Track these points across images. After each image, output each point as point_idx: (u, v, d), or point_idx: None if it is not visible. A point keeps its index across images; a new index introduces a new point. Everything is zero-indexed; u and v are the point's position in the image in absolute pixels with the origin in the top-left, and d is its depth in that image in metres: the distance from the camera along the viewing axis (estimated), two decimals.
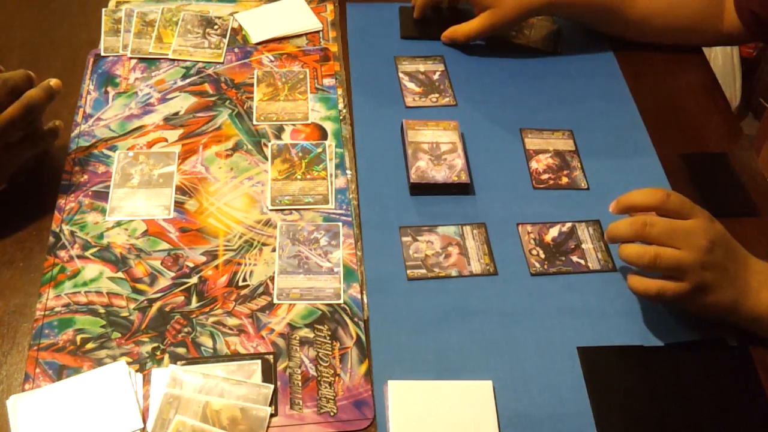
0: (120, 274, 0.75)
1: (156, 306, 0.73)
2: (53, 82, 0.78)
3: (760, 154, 1.00)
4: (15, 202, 0.79)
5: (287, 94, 0.93)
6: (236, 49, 0.99)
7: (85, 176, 0.83)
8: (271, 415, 0.65)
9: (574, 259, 0.78)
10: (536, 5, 0.96)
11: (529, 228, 0.81)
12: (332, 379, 0.68)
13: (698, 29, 1.00)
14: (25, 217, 0.79)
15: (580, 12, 1.00)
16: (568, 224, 0.81)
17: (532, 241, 0.79)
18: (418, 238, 0.79)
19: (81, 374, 0.67)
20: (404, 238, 0.79)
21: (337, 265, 0.76)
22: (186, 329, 0.71)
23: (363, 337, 0.71)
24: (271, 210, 0.81)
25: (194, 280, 0.75)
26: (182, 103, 0.91)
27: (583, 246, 0.79)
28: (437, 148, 0.86)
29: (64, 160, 0.84)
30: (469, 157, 0.87)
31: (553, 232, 0.80)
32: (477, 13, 0.98)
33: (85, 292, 0.73)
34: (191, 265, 0.76)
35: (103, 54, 0.97)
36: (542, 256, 0.78)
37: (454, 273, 0.77)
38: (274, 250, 0.77)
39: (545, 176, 0.86)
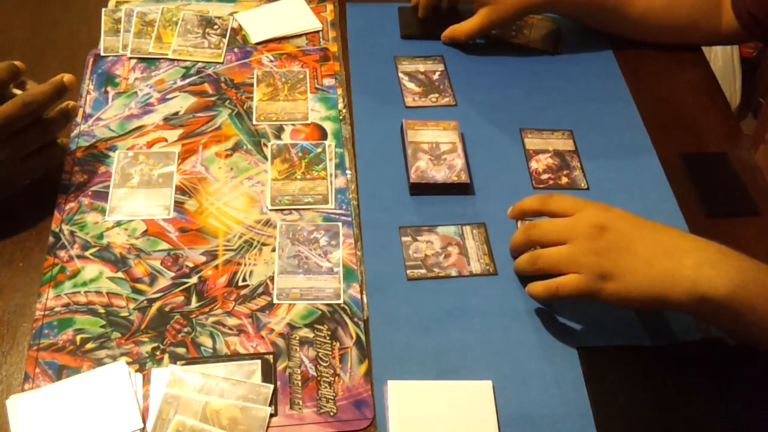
0: (120, 274, 0.75)
1: (156, 306, 0.73)
2: (66, 77, 0.78)
3: (756, 151, 1.00)
4: (15, 201, 0.79)
5: (287, 94, 0.93)
6: (236, 49, 0.99)
7: (85, 176, 0.83)
8: (271, 415, 0.65)
9: None
10: (536, 2, 0.96)
11: None
12: (332, 379, 0.68)
13: (697, 28, 1.01)
14: (25, 217, 0.79)
15: (580, 10, 1.00)
16: None
17: None
18: (418, 238, 0.79)
19: (81, 374, 0.67)
20: (404, 238, 0.79)
21: (336, 265, 0.76)
22: (186, 329, 0.71)
23: (363, 337, 0.71)
24: (270, 210, 0.81)
25: (194, 280, 0.75)
26: (182, 103, 0.91)
27: None
28: (437, 148, 0.86)
29: (64, 160, 0.84)
30: (469, 157, 0.87)
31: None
32: (476, 10, 0.98)
33: (85, 292, 0.73)
34: (191, 265, 0.76)
35: (102, 54, 0.97)
36: None
37: (453, 273, 0.77)
38: (273, 250, 0.77)
39: (545, 176, 0.86)
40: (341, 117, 0.91)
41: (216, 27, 1.01)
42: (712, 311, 0.65)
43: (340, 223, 0.80)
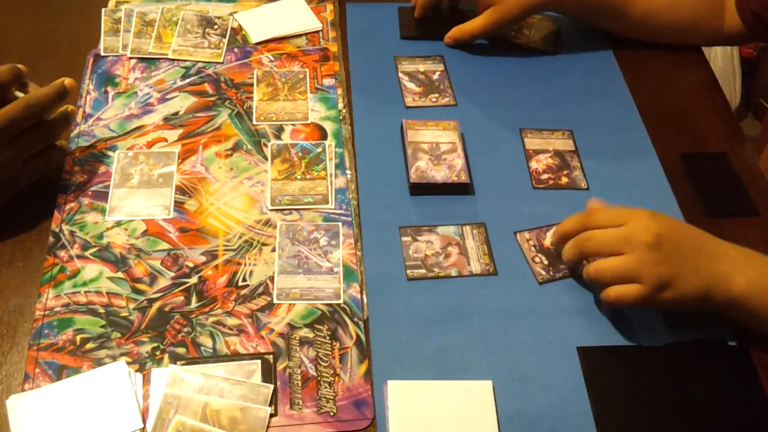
0: (120, 274, 0.75)
1: (156, 306, 0.73)
2: (67, 81, 0.78)
3: (761, 155, 1.00)
4: (15, 201, 0.79)
5: (287, 94, 0.93)
6: (236, 49, 0.99)
7: (85, 176, 0.83)
8: (271, 415, 0.65)
9: None
10: (540, 1, 0.96)
11: (527, 235, 0.80)
12: (332, 379, 0.68)
13: (699, 28, 1.01)
14: (25, 217, 0.79)
15: (582, 9, 1.00)
16: None
17: (533, 248, 0.79)
18: (418, 238, 0.79)
19: (81, 374, 0.67)
20: (404, 238, 0.79)
21: (336, 265, 0.76)
22: (186, 329, 0.71)
23: (363, 337, 0.71)
24: (270, 210, 0.81)
25: (194, 280, 0.75)
26: (182, 103, 0.91)
27: None
28: (437, 148, 0.86)
29: (64, 160, 0.84)
30: (469, 157, 0.87)
31: (551, 236, 0.80)
32: (480, 11, 0.98)
33: (85, 292, 0.73)
34: (191, 265, 0.76)
35: (102, 54, 0.97)
36: (545, 262, 0.78)
37: (453, 273, 0.77)
38: (273, 250, 0.77)
39: (545, 176, 0.86)
40: (341, 117, 0.91)
41: (216, 27, 1.01)
42: (739, 310, 0.70)
43: (340, 223, 0.80)
